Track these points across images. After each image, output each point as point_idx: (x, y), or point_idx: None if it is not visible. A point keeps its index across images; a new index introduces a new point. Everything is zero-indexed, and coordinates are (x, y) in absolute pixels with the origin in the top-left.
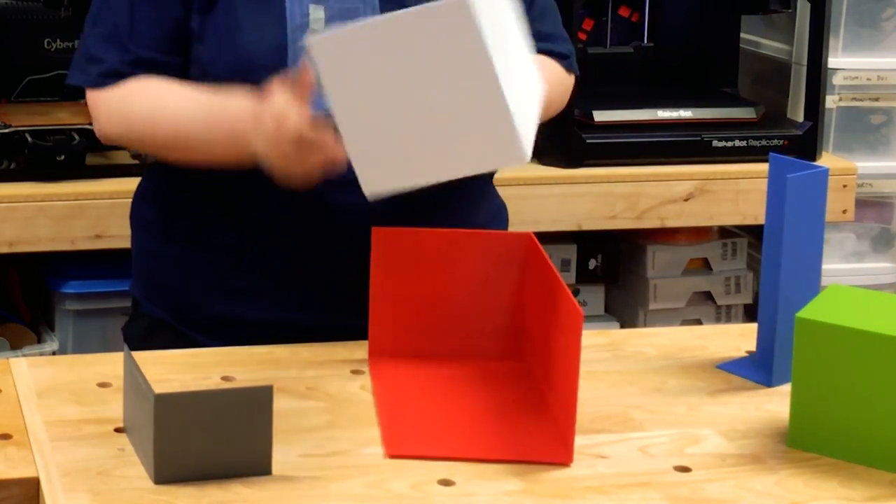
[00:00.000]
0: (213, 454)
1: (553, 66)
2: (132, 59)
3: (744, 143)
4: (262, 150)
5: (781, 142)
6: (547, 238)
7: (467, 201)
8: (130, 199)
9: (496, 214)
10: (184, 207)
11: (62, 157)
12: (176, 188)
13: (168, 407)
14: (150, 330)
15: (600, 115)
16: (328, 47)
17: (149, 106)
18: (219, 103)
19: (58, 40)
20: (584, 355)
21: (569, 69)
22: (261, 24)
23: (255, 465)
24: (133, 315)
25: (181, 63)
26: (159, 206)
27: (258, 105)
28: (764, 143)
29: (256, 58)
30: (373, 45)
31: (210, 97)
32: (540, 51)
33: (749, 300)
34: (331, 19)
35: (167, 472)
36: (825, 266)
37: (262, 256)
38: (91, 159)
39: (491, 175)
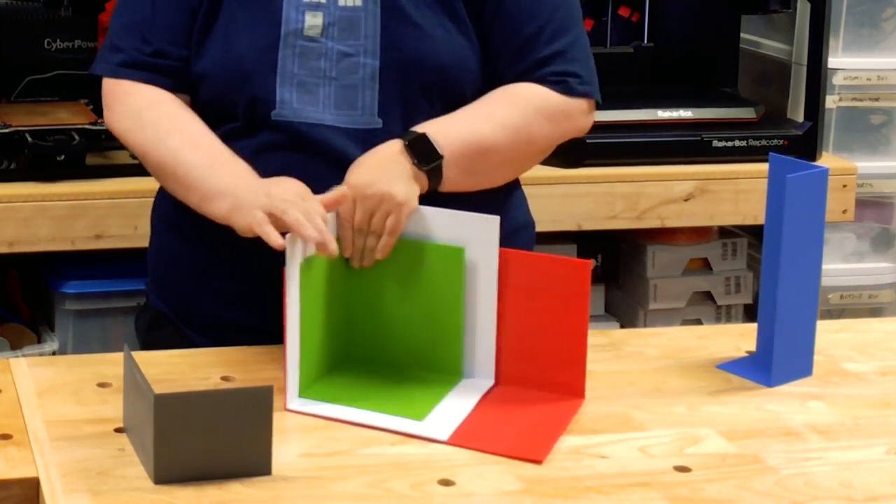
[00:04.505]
0: (213, 454)
1: (534, 93)
2: (152, 51)
3: (744, 143)
4: (250, 200)
5: (781, 142)
6: (547, 238)
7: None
8: (130, 199)
9: (512, 233)
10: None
11: (62, 157)
12: None
13: (168, 407)
14: (154, 321)
15: (600, 115)
16: (300, 244)
17: (163, 121)
18: (230, 157)
19: (58, 40)
20: None
21: (565, 91)
22: (255, 27)
23: (256, 465)
24: (144, 305)
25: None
26: (174, 201)
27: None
28: (764, 143)
29: (246, 59)
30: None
31: (224, 148)
32: (537, 77)
33: (749, 300)
34: (330, 26)
35: (167, 472)
36: (825, 266)
37: (264, 267)
38: (91, 159)
39: (508, 192)
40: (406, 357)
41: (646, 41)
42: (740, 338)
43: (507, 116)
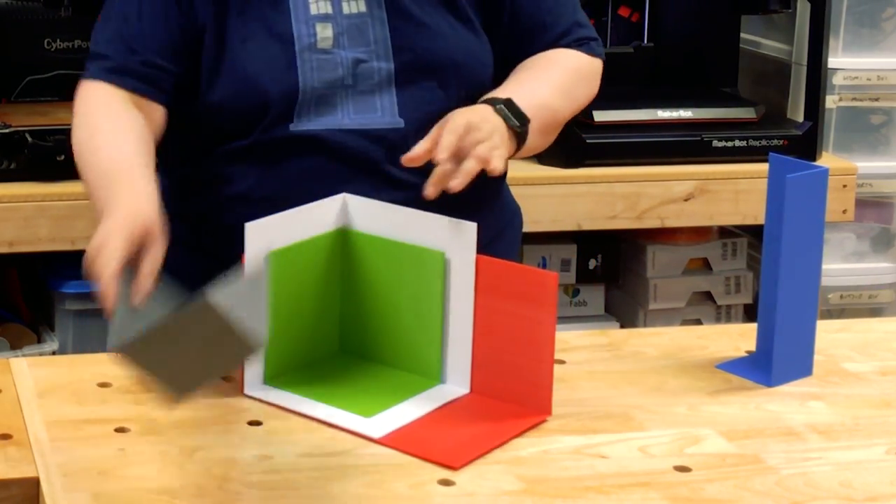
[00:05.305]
0: (209, 360)
1: (569, 57)
2: (139, 60)
3: (744, 143)
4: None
5: (781, 142)
6: (547, 238)
7: (475, 207)
8: None
9: (509, 220)
10: (184, 214)
11: (62, 157)
12: (178, 194)
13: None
14: None
15: (600, 115)
16: (261, 231)
17: (87, 135)
18: (113, 182)
19: (58, 40)
20: (584, 355)
21: (590, 53)
22: (268, 48)
23: (249, 347)
24: None
25: (180, 73)
26: (177, 215)
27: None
28: (764, 143)
29: (264, 80)
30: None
31: (117, 171)
32: (564, 45)
33: (749, 300)
34: (339, 35)
35: (179, 390)
36: (825, 266)
37: None
38: None
39: (501, 179)
40: (388, 357)
41: (646, 41)
42: (740, 338)
43: (557, 79)
